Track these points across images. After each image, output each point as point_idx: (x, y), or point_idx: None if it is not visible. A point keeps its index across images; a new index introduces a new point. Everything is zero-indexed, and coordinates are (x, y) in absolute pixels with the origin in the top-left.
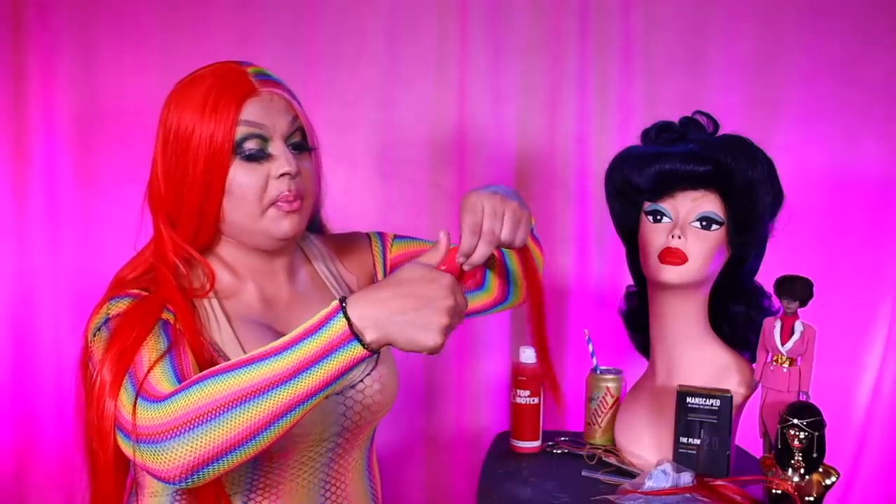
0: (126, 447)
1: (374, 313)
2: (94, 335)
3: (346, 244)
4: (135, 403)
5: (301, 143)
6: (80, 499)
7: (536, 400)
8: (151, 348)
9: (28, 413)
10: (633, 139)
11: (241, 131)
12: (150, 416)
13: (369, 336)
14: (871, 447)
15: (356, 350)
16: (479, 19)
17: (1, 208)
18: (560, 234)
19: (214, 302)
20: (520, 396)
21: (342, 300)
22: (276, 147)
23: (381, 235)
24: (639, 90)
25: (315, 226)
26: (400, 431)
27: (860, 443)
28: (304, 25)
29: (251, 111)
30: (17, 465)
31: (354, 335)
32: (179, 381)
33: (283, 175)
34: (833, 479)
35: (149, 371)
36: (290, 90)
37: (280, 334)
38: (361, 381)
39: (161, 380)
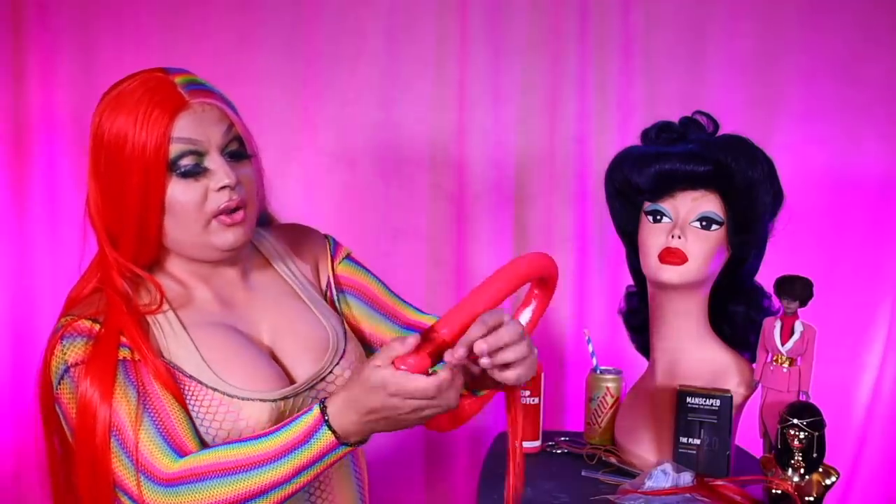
0: None
1: (356, 429)
2: (59, 384)
3: (300, 240)
4: (138, 480)
5: (238, 152)
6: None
7: (536, 400)
8: (122, 402)
9: (28, 413)
10: (633, 139)
11: (174, 149)
12: (159, 499)
13: (353, 439)
14: (871, 447)
15: (345, 450)
16: (479, 19)
17: (1, 208)
18: (560, 234)
19: (170, 314)
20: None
21: (322, 408)
22: (213, 160)
23: (336, 244)
24: (639, 90)
25: (262, 219)
26: (399, 432)
27: (860, 443)
28: (303, 25)
29: (183, 126)
30: (16, 465)
31: (341, 440)
32: (172, 448)
33: (222, 188)
34: (833, 479)
35: (137, 440)
36: (224, 96)
37: (243, 335)
38: (331, 371)
39: (155, 452)
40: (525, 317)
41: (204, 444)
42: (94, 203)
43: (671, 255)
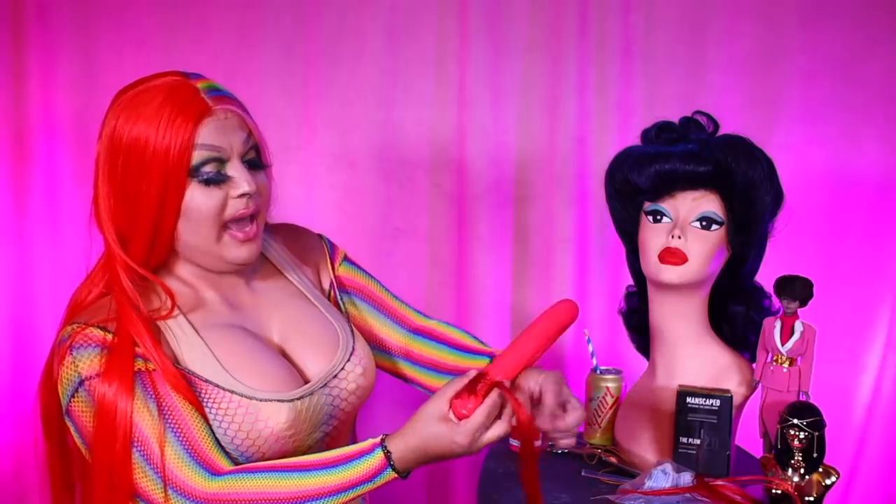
0: None
1: (416, 466)
2: (72, 397)
3: (296, 239)
4: (165, 493)
5: (255, 161)
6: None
7: None
8: (144, 415)
9: (28, 413)
10: (633, 139)
11: (197, 155)
12: None
13: (411, 471)
14: (871, 447)
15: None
16: (479, 18)
17: (1, 208)
18: (560, 234)
19: (180, 318)
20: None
21: (387, 453)
22: (234, 168)
23: (332, 246)
24: (639, 90)
25: None
26: None
27: (860, 443)
28: (304, 25)
29: (207, 133)
30: (16, 464)
31: (401, 476)
32: (201, 466)
33: (241, 196)
34: (833, 479)
35: (163, 454)
36: (243, 104)
37: (255, 336)
38: (343, 368)
39: (185, 469)
40: None
41: (225, 453)
42: (104, 205)
43: (671, 255)
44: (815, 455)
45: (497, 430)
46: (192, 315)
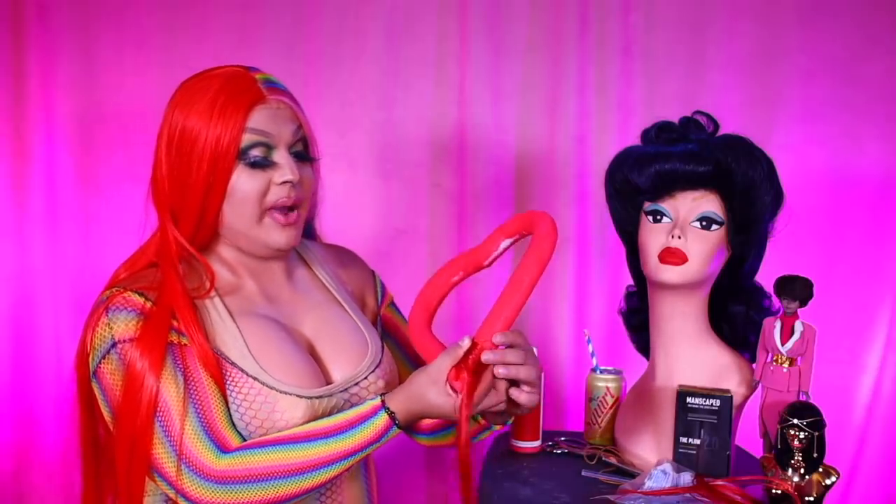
0: (167, 490)
1: (417, 419)
2: (102, 358)
3: (347, 261)
4: (178, 467)
5: (303, 153)
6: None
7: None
8: (171, 386)
9: (28, 413)
10: (633, 139)
11: (247, 138)
12: (202, 492)
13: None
14: (871, 447)
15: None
16: (479, 19)
17: (1, 208)
18: (560, 234)
19: (217, 300)
20: None
21: (391, 414)
22: (280, 155)
23: (383, 286)
24: (639, 90)
25: (307, 233)
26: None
27: (860, 443)
28: (304, 25)
29: (258, 119)
30: (16, 465)
31: (402, 429)
32: (214, 443)
33: (284, 182)
34: (833, 479)
35: (182, 429)
36: (296, 99)
37: (286, 330)
38: (366, 377)
39: (199, 446)
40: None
41: (239, 434)
42: (160, 182)
43: (671, 255)
44: (815, 455)
45: (491, 399)
46: (228, 299)
